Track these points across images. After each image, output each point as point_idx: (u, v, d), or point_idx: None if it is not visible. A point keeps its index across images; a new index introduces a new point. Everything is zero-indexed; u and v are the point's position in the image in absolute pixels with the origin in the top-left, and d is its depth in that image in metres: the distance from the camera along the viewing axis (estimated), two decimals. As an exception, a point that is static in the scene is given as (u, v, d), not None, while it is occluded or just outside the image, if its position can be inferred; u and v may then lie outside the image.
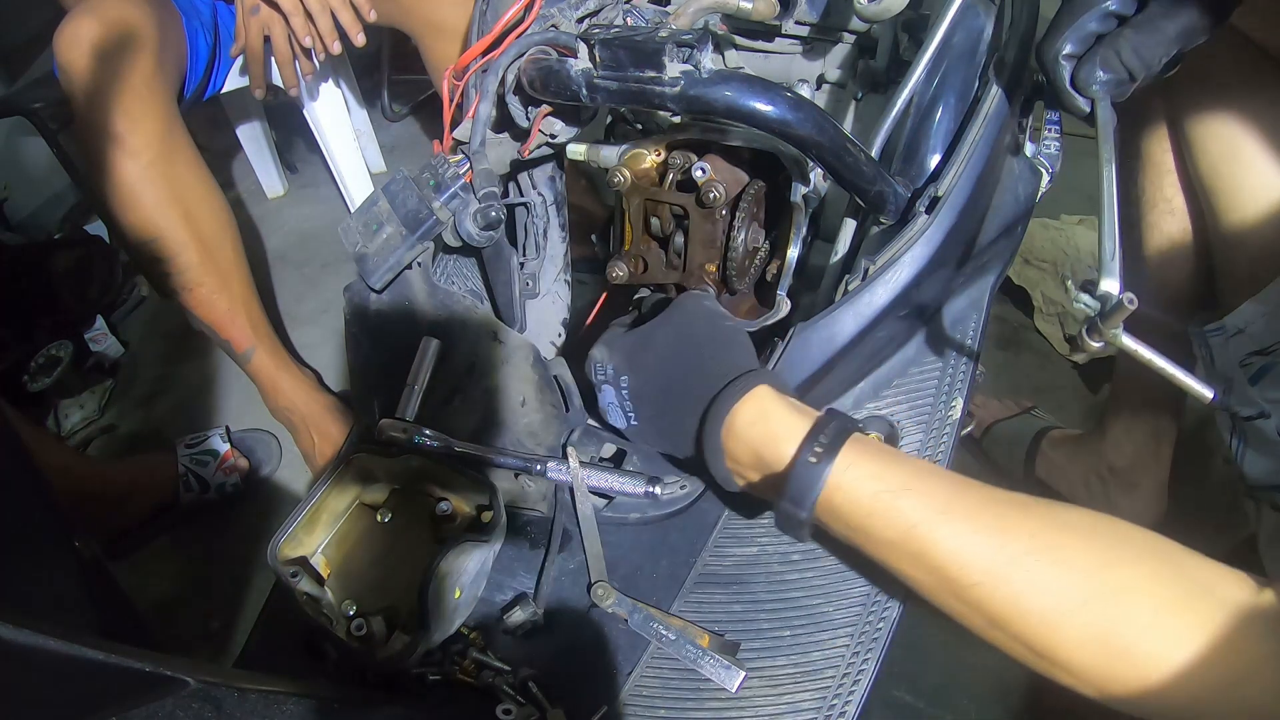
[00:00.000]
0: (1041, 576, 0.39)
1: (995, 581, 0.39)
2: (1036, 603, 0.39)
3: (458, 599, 0.54)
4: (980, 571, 0.40)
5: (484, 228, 0.58)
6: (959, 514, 0.41)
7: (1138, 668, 0.37)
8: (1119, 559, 0.39)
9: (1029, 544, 0.39)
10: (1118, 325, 0.38)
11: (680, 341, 0.53)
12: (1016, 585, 0.39)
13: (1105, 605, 0.38)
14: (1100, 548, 0.40)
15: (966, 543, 0.40)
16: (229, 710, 0.35)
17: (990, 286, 0.62)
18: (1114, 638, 0.37)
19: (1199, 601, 0.37)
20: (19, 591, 0.50)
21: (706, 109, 0.49)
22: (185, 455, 1.15)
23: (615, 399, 0.55)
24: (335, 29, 1.09)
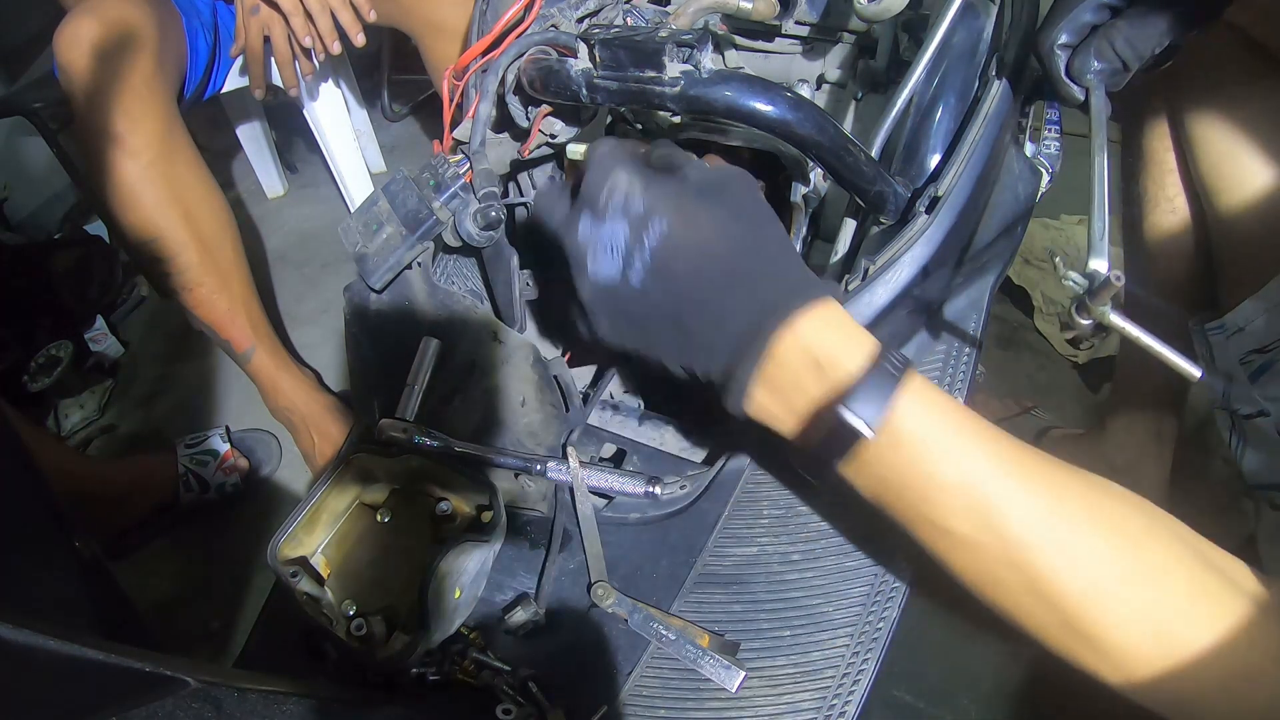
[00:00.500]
0: (1095, 545, 0.37)
1: (1046, 543, 0.37)
2: (1085, 572, 0.37)
3: (458, 599, 0.54)
4: (1034, 531, 0.37)
5: (484, 228, 0.58)
6: (1019, 465, 0.39)
7: (1169, 651, 0.36)
8: (1159, 535, 0.38)
9: (1085, 510, 0.38)
10: (1106, 303, 0.38)
11: (745, 216, 0.42)
12: (1068, 552, 0.37)
13: (1148, 583, 0.37)
14: (1143, 523, 0.39)
15: (1025, 498, 0.38)
16: (229, 710, 0.35)
17: (990, 286, 0.62)
18: (1153, 617, 0.36)
19: (1226, 590, 0.37)
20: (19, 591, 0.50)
21: (706, 109, 0.49)
22: (185, 455, 1.15)
23: (623, 242, 0.42)
24: (335, 29, 1.09)
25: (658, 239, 0.41)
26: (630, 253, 0.42)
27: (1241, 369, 0.68)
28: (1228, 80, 0.66)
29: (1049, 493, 0.38)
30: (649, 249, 0.41)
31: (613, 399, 0.68)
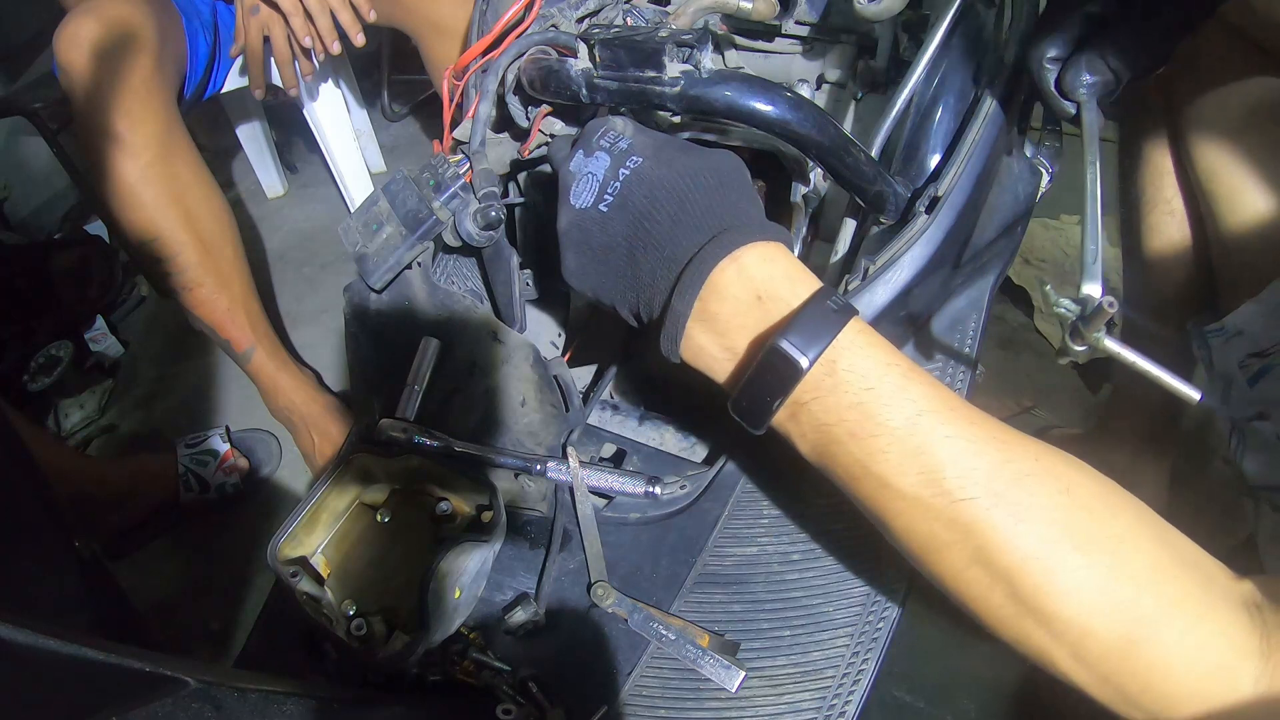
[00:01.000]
0: (1046, 506, 0.35)
1: (993, 500, 0.35)
2: (1034, 533, 0.34)
3: (457, 599, 0.54)
4: (978, 485, 0.35)
5: (484, 228, 0.58)
6: (964, 415, 0.37)
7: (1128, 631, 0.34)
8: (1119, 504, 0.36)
9: (1032, 466, 0.36)
10: (1100, 329, 0.37)
11: (715, 170, 0.44)
12: (1016, 511, 0.35)
13: (1104, 551, 0.34)
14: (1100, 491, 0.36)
15: (969, 449, 0.36)
16: (229, 710, 0.35)
17: (990, 286, 0.62)
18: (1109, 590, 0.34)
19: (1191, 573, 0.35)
20: (19, 591, 0.50)
21: (706, 109, 0.49)
22: (185, 455, 1.15)
23: (602, 173, 0.46)
24: (335, 29, 1.09)
25: (629, 172, 0.44)
26: (605, 184, 0.45)
27: (1240, 373, 0.68)
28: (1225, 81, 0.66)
29: (999, 450, 0.36)
30: (621, 180, 0.44)
31: (613, 399, 0.68)
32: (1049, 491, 0.35)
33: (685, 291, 0.41)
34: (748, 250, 0.40)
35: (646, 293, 0.44)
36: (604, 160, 0.46)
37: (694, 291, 0.40)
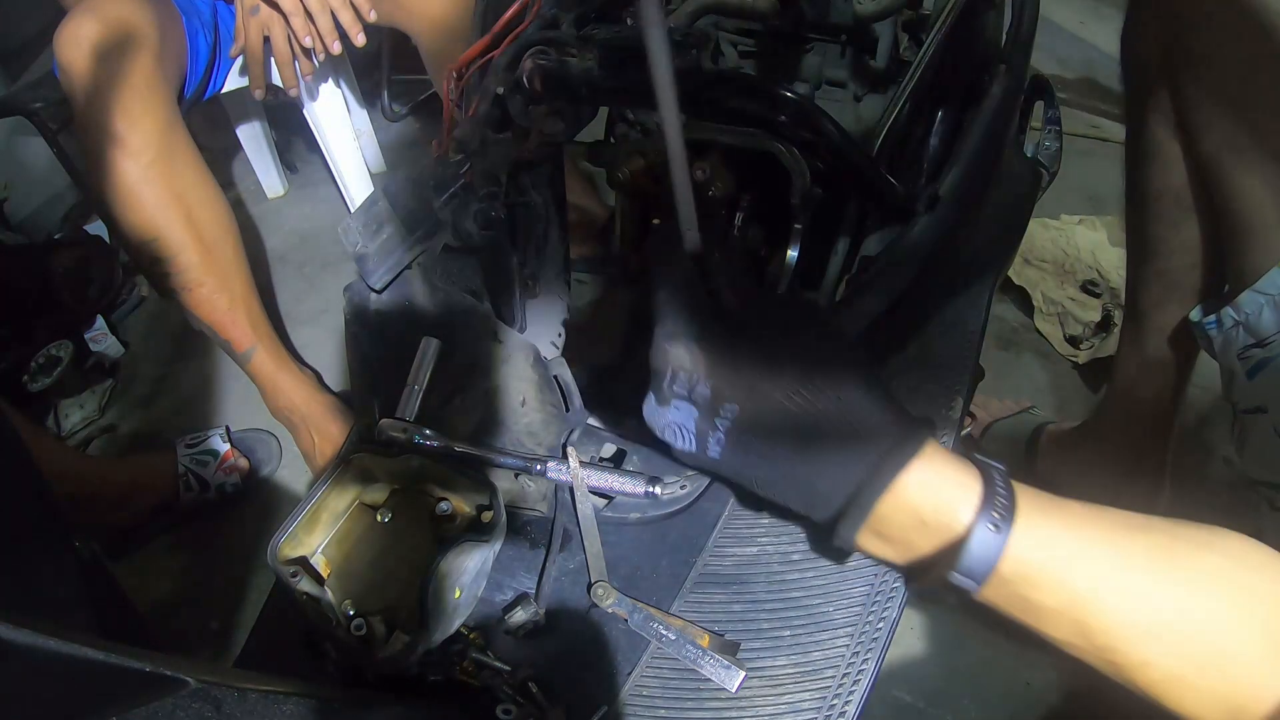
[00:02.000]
0: (1175, 645, 0.39)
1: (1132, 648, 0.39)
2: (1163, 667, 0.39)
3: (458, 599, 0.54)
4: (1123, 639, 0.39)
5: (484, 228, 0.58)
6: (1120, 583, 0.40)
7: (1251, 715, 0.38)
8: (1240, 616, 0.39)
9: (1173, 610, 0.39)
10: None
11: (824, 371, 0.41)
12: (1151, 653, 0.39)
13: (1217, 670, 0.38)
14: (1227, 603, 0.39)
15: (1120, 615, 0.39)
16: (229, 710, 0.35)
17: (990, 286, 0.62)
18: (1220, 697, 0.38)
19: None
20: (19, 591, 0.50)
21: (707, 108, 0.49)
22: (185, 455, 1.15)
23: (693, 424, 0.42)
24: (335, 29, 1.09)
25: (730, 422, 0.41)
26: (704, 434, 0.43)
27: (1240, 365, 0.68)
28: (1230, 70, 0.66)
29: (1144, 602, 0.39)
30: (723, 431, 0.42)
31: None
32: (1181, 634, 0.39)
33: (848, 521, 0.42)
34: (904, 476, 0.40)
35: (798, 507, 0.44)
36: (688, 410, 0.42)
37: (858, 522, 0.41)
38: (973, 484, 0.41)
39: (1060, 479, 1.02)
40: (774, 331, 0.43)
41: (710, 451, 0.43)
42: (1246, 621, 0.39)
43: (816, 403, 0.40)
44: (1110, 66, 1.72)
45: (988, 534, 0.39)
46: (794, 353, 0.41)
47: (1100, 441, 0.96)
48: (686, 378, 0.42)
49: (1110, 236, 1.34)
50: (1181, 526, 0.41)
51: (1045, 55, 1.81)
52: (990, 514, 0.39)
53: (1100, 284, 1.28)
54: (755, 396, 0.41)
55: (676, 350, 0.42)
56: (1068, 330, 1.25)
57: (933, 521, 0.41)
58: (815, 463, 0.41)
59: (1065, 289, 1.29)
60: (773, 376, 0.41)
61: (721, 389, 0.41)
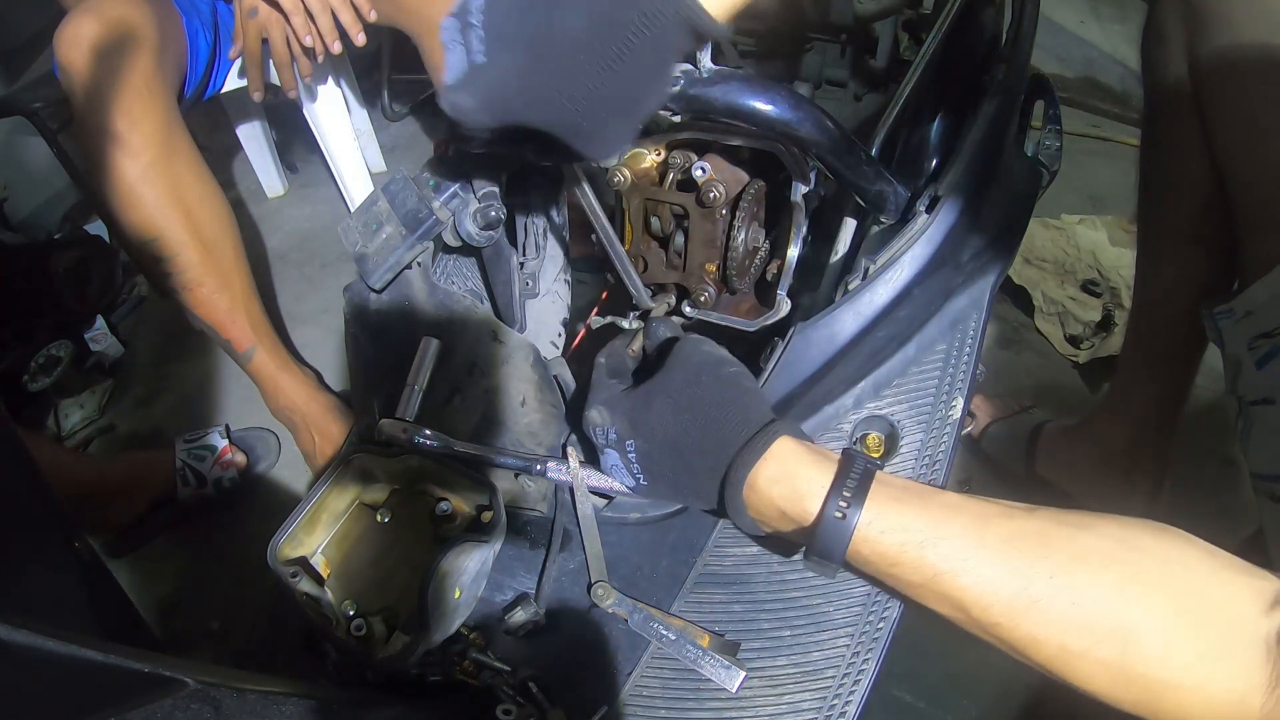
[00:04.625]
0: (1058, 617, 0.41)
1: (1015, 622, 0.42)
2: (1054, 641, 0.41)
3: (458, 599, 0.54)
4: (1001, 613, 0.42)
5: (484, 227, 0.58)
6: (981, 559, 0.43)
7: (1150, 693, 0.40)
8: (1133, 594, 0.41)
9: (1047, 586, 0.41)
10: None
11: (686, 399, 0.50)
12: (1034, 626, 0.41)
13: (1117, 641, 0.40)
14: (1116, 581, 0.41)
15: (988, 588, 0.42)
16: (228, 710, 0.35)
17: (990, 286, 0.62)
18: (1126, 669, 0.40)
19: (1208, 628, 0.39)
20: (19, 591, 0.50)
21: (706, 108, 0.49)
22: (183, 450, 1.15)
23: (620, 461, 0.53)
24: (336, 28, 1.09)
25: (635, 453, 0.52)
26: (628, 465, 0.53)
27: (1249, 355, 0.67)
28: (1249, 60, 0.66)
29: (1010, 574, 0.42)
30: (635, 462, 0.52)
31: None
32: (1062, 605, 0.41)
33: (736, 516, 0.49)
34: (758, 476, 0.47)
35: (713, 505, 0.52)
36: (613, 455, 0.53)
37: (742, 514, 0.49)
38: (821, 476, 0.46)
39: (1059, 479, 1.01)
40: (657, 380, 0.52)
41: (640, 480, 0.53)
42: (1143, 596, 0.41)
43: (675, 423, 0.50)
44: (1111, 66, 1.72)
45: (835, 521, 0.45)
46: (664, 388, 0.51)
47: (1100, 441, 0.96)
48: (602, 430, 0.53)
49: (1111, 236, 1.34)
50: (1064, 513, 0.44)
51: (1045, 55, 1.81)
52: (837, 503, 0.45)
53: (1101, 284, 1.28)
54: (640, 430, 0.51)
55: (590, 414, 0.54)
56: (1068, 330, 1.25)
57: (790, 510, 0.47)
58: (690, 470, 0.50)
59: (1066, 289, 1.29)
60: (647, 412, 0.51)
61: (623, 429, 0.52)
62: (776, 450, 0.47)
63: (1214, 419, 1.08)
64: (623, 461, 0.53)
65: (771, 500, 0.47)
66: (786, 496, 0.47)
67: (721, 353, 0.54)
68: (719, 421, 0.49)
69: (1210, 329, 0.73)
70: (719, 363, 0.53)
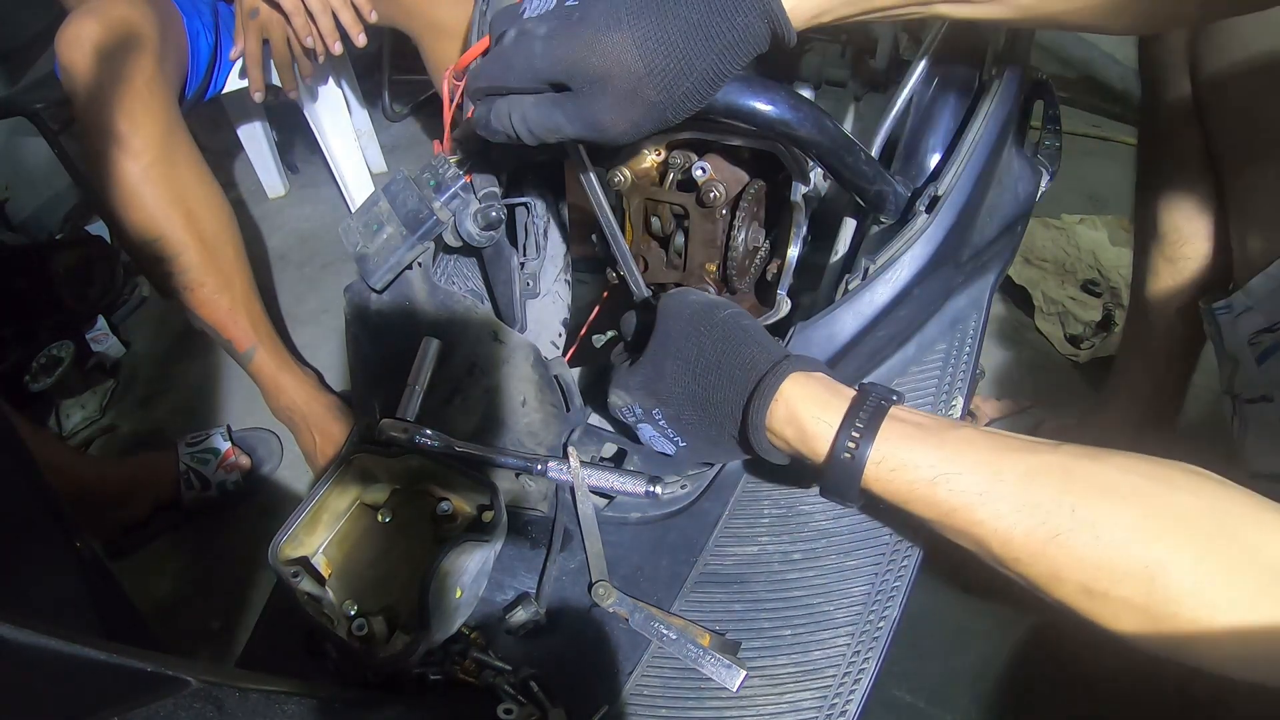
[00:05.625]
0: (1080, 553, 0.39)
1: (1034, 558, 0.40)
2: (1075, 577, 0.39)
3: (459, 599, 0.54)
4: (1020, 548, 0.40)
5: (484, 228, 0.59)
6: (997, 494, 0.41)
7: (1180, 634, 0.38)
8: (1160, 530, 0.39)
9: (1068, 520, 0.40)
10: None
11: (693, 352, 0.51)
12: (1055, 562, 0.40)
13: (1144, 579, 0.38)
14: (1142, 516, 0.39)
15: (1005, 522, 0.41)
16: (230, 710, 0.35)
17: (990, 286, 0.62)
18: (1152, 608, 0.38)
19: (1243, 568, 0.37)
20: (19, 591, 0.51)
21: (707, 108, 0.49)
22: (186, 453, 1.15)
23: (655, 431, 0.55)
24: (336, 29, 1.09)
25: (663, 420, 0.53)
26: (665, 433, 0.54)
27: (1249, 350, 0.67)
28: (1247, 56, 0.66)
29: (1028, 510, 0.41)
30: (668, 427, 0.53)
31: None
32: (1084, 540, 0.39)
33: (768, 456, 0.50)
34: (772, 420, 0.48)
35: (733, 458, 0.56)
36: (647, 428, 0.55)
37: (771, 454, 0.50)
38: (831, 414, 0.46)
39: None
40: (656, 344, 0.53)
41: (679, 444, 0.55)
42: (1157, 530, 0.39)
43: (687, 378, 0.51)
44: (1111, 66, 1.72)
45: (844, 460, 0.44)
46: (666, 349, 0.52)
47: (1098, 440, 0.96)
48: (628, 409, 0.55)
49: (1111, 236, 1.34)
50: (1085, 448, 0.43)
51: (1045, 55, 1.81)
52: (845, 442, 0.44)
53: (1101, 283, 1.28)
54: (661, 397, 0.52)
55: (612, 398, 0.56)
56: (1068, 330, 1.25)
57: (802, 450, 0.47)
58: (722, 421, 0.50)
59: (1066, 288, 1.29)
60: (660, 378, 0.52)
61: (645, 401, 0.53)
62: (786, 390, 0.47)
63: (1211, 417, 1.08)
64: (657, 431, 0.54)
65: (786, 441, 0.48)
66: (797, 438, 0.47)
67: (709, 298, 0.54)
68: (729, 368, 0.50)
69: (1209, 324, 0.73)
70: (711, 307, 0.52)
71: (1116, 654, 0.42)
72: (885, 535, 0.53)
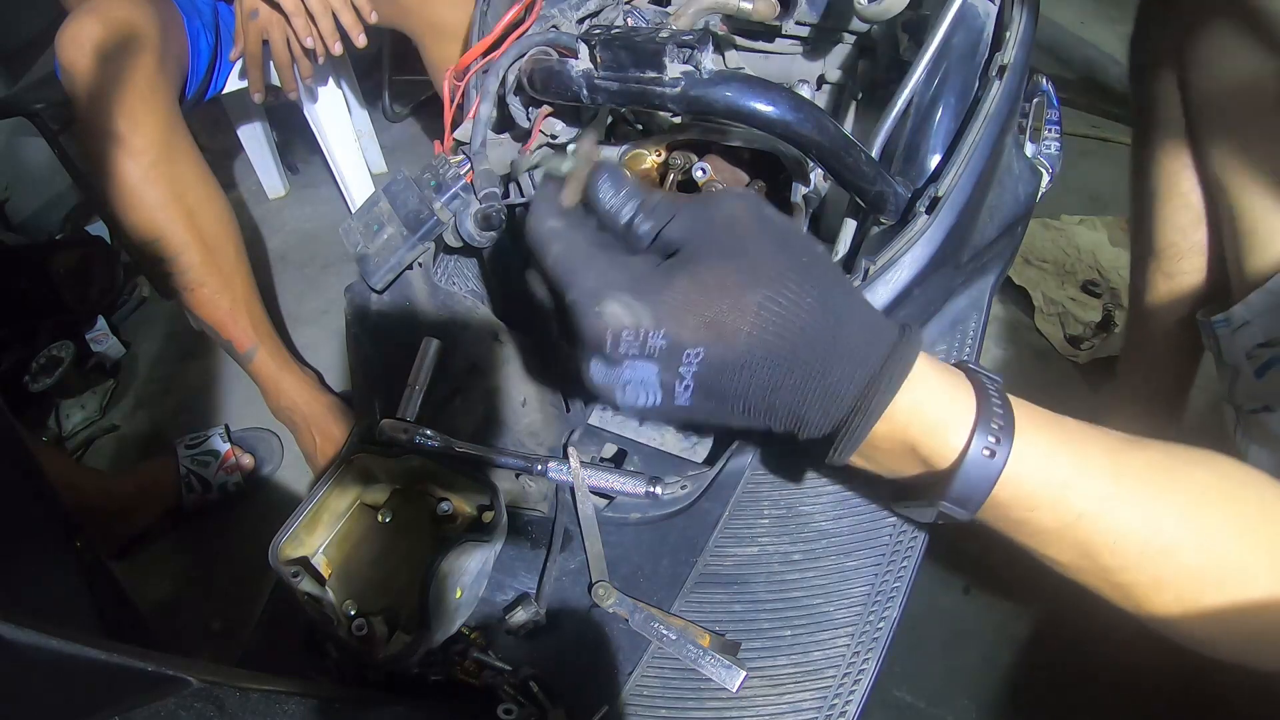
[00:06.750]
0: (1185, 561, 0.38)
1: (1141, 567, 0.39)
2: (1175, 585, 0.39)
3: (459, 599, 0.54)
4: (1131, 558, 0.39)
5: (485, 228, 0.59)
6: (1119, 500, 0.39)
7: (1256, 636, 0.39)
8: (1248, 531, 0.39)
9: (1179, 528, 0.39)
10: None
11: (795, 288, 0.35)
12: (1162, 571, 0.39)
13: (1232, 585, 0.38)
14: (1233, 518, 0.39)
15: (1124, 531, 0.38)
16: (231, 709, 0.35)
17: (990, 286, 0.62)
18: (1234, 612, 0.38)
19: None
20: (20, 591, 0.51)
21: (707, 109, 0.49)
22: (186, 456, 1.15)
23: (653, 378, 0.37)
24: (337, 29, 1.10)
25: (696, 367, 0.36)
26: (670, 385, 0.37)
27: (1248, 363, 0.68)
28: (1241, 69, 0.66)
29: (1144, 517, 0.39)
30: (691, 378, 0.36)
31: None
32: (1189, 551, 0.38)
33: (840, 448, 0.38)
34: (898, 403, 0.37)
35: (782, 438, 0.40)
36: (646, 367, 0.36)
37: (849, 450, 0.38)
38: (966, 405, 0.38)
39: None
40: (716, 249, 0.36)
41: (679, 400, 0.37)
42: (1248, 537, 0.39)
43: (790, 319, 0.35)
44: (1111, 66, 1.72)
45: (982, 460, 0.37)
46: (748, 265, 0.36)
47: None
48: (633, 334, 0.35)
49: (1111, 236, 1.34)
50: (1171, 445, 0.41)
51: (1045, 55, 1.81)
52: (985, 438, 0.37)
53: (1101, 284, 1.28)
54: (720, 332, 0.35)
55: (610, 308, 0.35)
56: (1068, 330, 1.25)
57: (925, 448, 0.38)
58: (799, 390, 0.36)
59: (1066, 289, 1.29)
60: (733, 300, 0.35)
61: (679, 335, 0.35)
62: (919, 373, 0.37)
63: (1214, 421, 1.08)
64: (659, 379, 0.37)
65: (905, 435, 0.38)
66: (924, 429, 0.37)
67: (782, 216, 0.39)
68: (844, 321, 0.36)
69: (1207, 337, 0.74)
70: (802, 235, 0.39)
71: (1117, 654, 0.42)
72: (885, 535, 0.53)
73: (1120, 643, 0.42)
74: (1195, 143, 0.74)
